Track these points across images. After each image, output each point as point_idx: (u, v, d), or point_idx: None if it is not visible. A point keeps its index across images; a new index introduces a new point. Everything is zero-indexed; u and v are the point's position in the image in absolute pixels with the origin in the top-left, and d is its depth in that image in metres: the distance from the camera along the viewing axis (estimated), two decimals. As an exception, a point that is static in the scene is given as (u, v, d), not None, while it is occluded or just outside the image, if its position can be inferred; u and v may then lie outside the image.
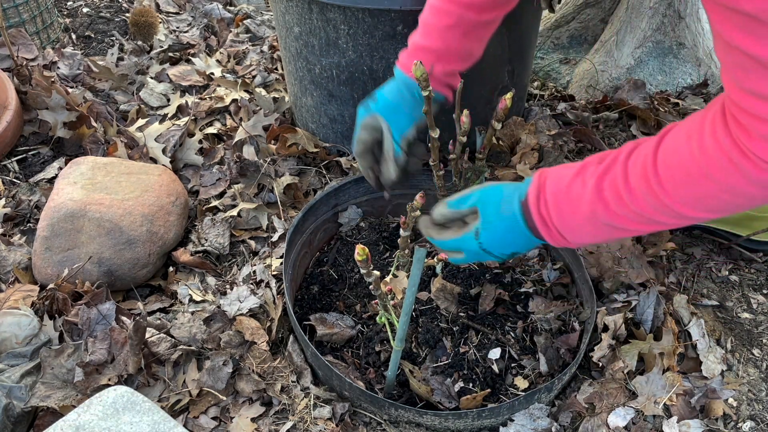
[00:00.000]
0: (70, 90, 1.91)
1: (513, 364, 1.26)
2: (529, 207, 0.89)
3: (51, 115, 1.77)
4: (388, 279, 1.32)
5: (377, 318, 1.14)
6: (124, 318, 1.29)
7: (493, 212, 0.92)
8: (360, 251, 0.92)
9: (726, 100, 0.71)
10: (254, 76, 2.13)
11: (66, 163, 1.68)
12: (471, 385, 1.22)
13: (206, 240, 1.53)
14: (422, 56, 1.11)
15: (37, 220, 1.53)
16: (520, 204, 0.90)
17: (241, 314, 1.33)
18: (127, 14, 2.55)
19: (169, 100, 2.02)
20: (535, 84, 2.26)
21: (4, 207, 1.58)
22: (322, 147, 1.76)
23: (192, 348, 1.26)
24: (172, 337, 1.27)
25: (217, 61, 2.24)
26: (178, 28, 2.54)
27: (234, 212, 1.57)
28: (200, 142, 1.81)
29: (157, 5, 2.67)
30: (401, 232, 1.14)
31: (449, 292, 1.33)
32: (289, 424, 1.17)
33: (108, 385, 1.14)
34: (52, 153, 1.77)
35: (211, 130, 1.86)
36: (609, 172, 0.82)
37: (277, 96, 2.00)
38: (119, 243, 1.40)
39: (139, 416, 1.01)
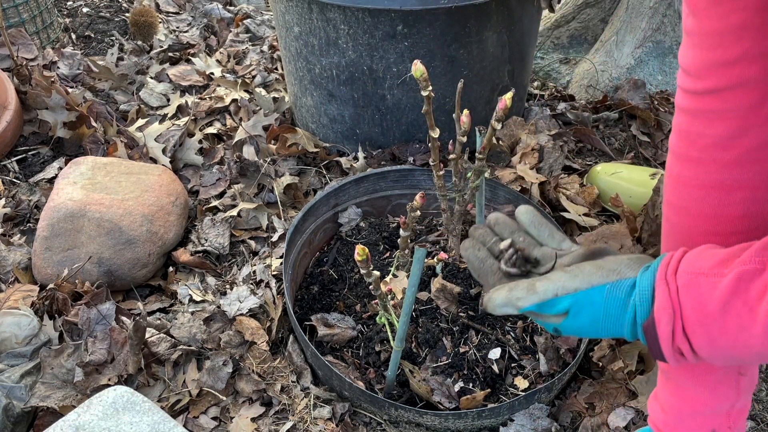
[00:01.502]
0: (70, 90, 1.91)
1: (513, 364, 1.26)
2: (659, 340, 0.64)
3: (51, 115, 1.77)
4: (388, 279, 1.32)
5: (377, 318, 1.14)
6: (124, 318, 1.29)
7: (588, 324, 0.68)
8: (360, 251, 0.92)
9: None
10: (254, 76, 2.13)
11: (66, 163, 1.68)
12: (471, 385, 1.22)
13: (206, 240, 1.53)
14: None
15: (37, 220, 1.53)
16: (641, 328, 0.65)
17: (241, 314, 1.33)
18: (127, 14, 2.55)
19: (169, 100, 2.02)
20: (535, 84, 2.27)
21: (4, 207, 1.58)
22: (322, 147, 1.76)
23: (192, 348, 1.26)
24: (172, 337, 1.27)
25: (217, 61, 2.24)
26: (178, 28, 2.54)
27: (234, 212, 1.57)
28: (200, 142, 1.81)
29: (157, 5, 2.67)
30: (401, 232, 1.14)
31: (449, 292, 1.32)
32: (289, 424, 1.17)
33: (108, 385, 1.14)
34: (52, 153, 1.77)
35: (211, 130, 1.86)
36: None
37: (277, 96, 2.00)
38: (119, 243, 1.40)
39: (139, 416, 1.01)
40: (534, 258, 0.72)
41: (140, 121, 1.88)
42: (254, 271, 1.44)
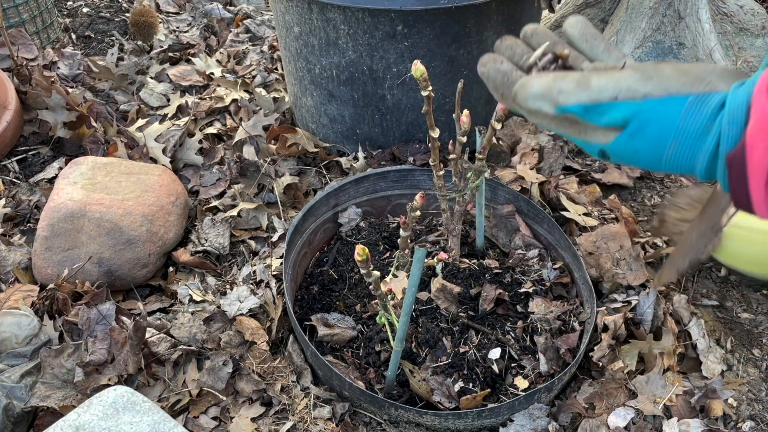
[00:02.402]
0: (70, 90, 1.91)
1: (513, 364, 1.26)
2: (748, 175, 0.46)
3: (51, 115, 1.77)
4: (388, 279, 1.32)
5: (377, 318, 1.14)
6: (124, 318, 1.29)
7: (650, 148, 0.50)
8: (360, 251, 0.92)
9: None
10: (254, 76, 2.13)
11: (66, 163, 1.68)
12: (471, 385, 1.22)
13: (206, 240, 1.53)
14: None
15: (37, 220, 1.53)
16: (723, 159, 0.48)
17: (241, 314, 1.33)
18: (127, 14, 2.55)
19: (169, 100, 2.02)
20: (535, 84, 2.26)
21: (4, 207, 1.58)
22: (322, 147, 1.76)
23: (192, 348, 1.26)
24: (172, 337, 1.27)
25: (217, 61, 2.24)
26: (178, 28, 2.54)
27: (234, 212, 1.57)
28: (200, 142, 1.81)
29: (157, 5, 2.67)
30: (401, 232, 1.14)
31: (449, 292, 1.32)
32: (289, 424, 1.17)
33: (108, 385, 1.14)
34: (52, 153, 1.77)
35: (211, 130, 1.86)
36: None
37: (277, 96, 2.00)
38: (119, 243, 1.40)
39: (139, 416, 1.01)
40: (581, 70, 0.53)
41: (140, 121, 1.88)
42: (254, 271, 1.44)
